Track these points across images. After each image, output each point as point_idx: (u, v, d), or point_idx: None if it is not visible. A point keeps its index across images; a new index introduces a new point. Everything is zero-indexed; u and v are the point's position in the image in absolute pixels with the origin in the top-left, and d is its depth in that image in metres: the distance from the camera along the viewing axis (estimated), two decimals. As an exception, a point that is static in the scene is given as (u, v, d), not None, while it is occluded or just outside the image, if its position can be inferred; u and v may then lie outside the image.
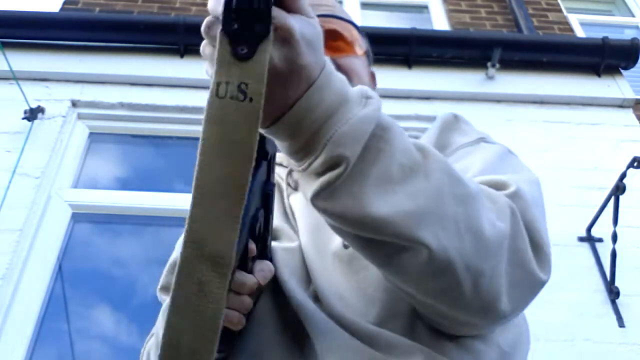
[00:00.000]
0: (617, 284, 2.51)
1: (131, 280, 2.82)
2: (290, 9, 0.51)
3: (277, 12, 0.49)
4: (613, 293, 2.50)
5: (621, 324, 2.45)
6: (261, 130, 0.55)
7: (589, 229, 2.71)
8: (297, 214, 0.84)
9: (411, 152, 0.59)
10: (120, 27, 3.33)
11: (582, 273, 2.61)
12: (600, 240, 2.68)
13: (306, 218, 0.81)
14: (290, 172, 0.89)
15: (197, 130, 3.28)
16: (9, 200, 2.64)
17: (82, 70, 3.17)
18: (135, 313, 2.68)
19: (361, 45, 0.95)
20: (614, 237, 2.49)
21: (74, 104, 3.09)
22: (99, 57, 3.24)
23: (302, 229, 0.82)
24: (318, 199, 0.56)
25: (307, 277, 0.76)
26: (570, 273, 2.59)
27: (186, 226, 0.47)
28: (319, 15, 0.80)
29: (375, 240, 0.57)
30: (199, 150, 0.48)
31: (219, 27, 0.49)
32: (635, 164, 2.42)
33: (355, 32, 0.95)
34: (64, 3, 3.80)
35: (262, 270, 0.67)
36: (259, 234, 0.68)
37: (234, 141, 0.47)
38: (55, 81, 3.14)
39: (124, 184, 3.10)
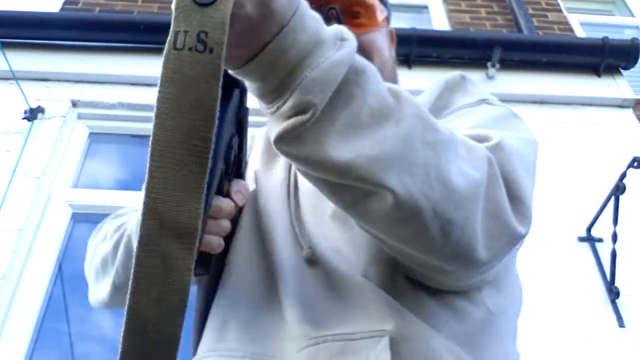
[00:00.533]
0: (617, 284, 2.51)
1: (131, 280, 2.82)
2: None
3: None
4: (613, 293, 2.50)
5: (621, 324, 2.45)
6: (231, 72, 0.54)
7: (589, 229, 2.71)
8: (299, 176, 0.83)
9: (384, 97, 0.57)
10: (120, 27, 3.33)
11: (582, 273, 2.61)
12: (600, 240, 2.68)
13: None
14: None
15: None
16: (9, 200, 2.64)
17: (82, 70, 3.17)
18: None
19: (382, 10, 0.93)
20: (614, 237, 2.49)
21: (74, 104, 3.09)
22: (99, 57, 3.24)
23: (301, 189, 0.82)
24: (281, 143, 0.54)
25: (295, 236, 0.76)
26: (570, 273, 2.59)
27: (143, 196, 0.44)
28: None
29: (342, 185, 0.56)
30: (155, 110, 0.44)
31: None
32: (635, 164, 2.42)
33: (375, 1, 0.91)
34: (64, 3, 3.80)
35: (239, 191, 0.69)
36: (235, 158, 0.69)
37: (194, 98, 0.43)
38: (55, 81, 3.14)
39: (124, 184, 3.10)
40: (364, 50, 0.84)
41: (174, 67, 0.44)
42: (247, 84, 0.56)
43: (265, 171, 0.88)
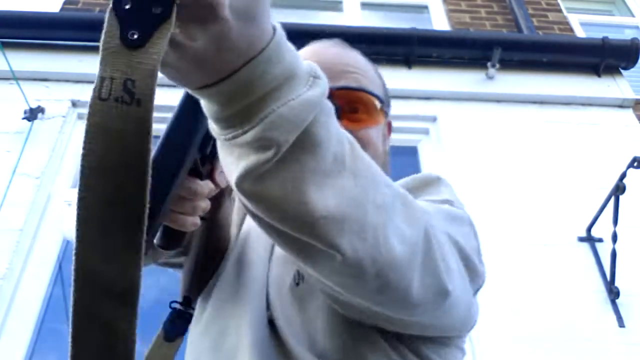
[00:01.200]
0: (617, 284, 2.51)
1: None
2: None
3: None
4: (613, 293, 2.50)
5: (621, 324, 2.45)
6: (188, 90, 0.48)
7: (589, 229, 2.71)
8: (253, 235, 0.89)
9: (344, 143, 0.55)
10: (120, 27, 3.33)
11: (582, 273, 2.61)
12: (600, 240, 2.68)
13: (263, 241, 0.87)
14: None
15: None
16: (9, 200, 2.64)
17: (82, 70, 3.17)
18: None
19: (380, 108, 0.94)
20: (614, 237, 2.49)
21: (74, 104, 3.09)
22: (99, 57, 3.24)
23: (258, 250, 0.88)
24: (244, 181, 0.50)
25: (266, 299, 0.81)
26: (570, 273, 2.59)
27: (74, 261, 0.40)
28: (340, 88, 0.88)
29: (292, 236, 0.54)
30: (80, 166, 0.40)
31: (110, 5, 0.40)
32: (635, 164, 2.42)
33: (376, 102, 0.93)
34: (64, 3, 3.80)
35: (223, 172, 0.65)
36: (211, 153, 0.69)
37: (122, 155, 0.39)
38: (55, 81, 3.14)
39: (124, 184, 3.10)
40: (361, 144, 0.87)
41: (99, 120, 0.39)
42: (202, 101, 0.51)
43: None
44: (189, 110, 0.65)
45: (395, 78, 3.27)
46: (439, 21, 4.17)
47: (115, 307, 0.40)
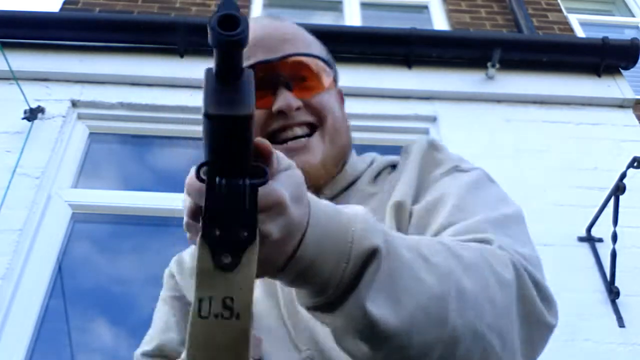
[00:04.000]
0: (617, 284, 2.51)
1: (131, 281, 2.82)
2: (273, 173, 0.50)
3: (264, 190, 0.47)
4: (613, 293, 2.50)
5: (621, 324, 2.45)
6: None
7: (589, 229, 2.71)
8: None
9: (410, 239, 0.61)
10: (120, 27, 3.33)
11: (582, 273, 2.61)
12: (600, 240, 2.68)
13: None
14: None
15: (198, 130, 3.28)
16: (9, 200, 2.64)
17: (82, 70, 3.17)
18: (135, 313, 2.68)
19: (328, 73, 0.94)
20: (614, 237, 2.49)
21: (74, 104, 3.09)
22: (99, 57, 3.24)
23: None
24: (370, 303, 0.54)
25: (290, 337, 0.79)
26: (570, 273, 2.59)
27: None
28: (282, 57, 0.87)
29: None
30: None
31: (199, 232, 0.45)
32: (635, 164, 2.42)
33: (320, 63, 0.92)
34: (64, 3, 3.80)
35: (256, 346, 0.73)
36: None
37: None
38: (55, 81, 3.14)
39: (124, 184, 3.10)
40: (317, 111, 0.89)
41: (200, 335, 0.43)
42: (286, 283, 0.57)
43: None
44: None
45: (395, 78, 3.27)
46: (439, 21, 4.17)
47: None
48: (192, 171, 0.47)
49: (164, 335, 0.93)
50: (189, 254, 1.00)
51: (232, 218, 0.44)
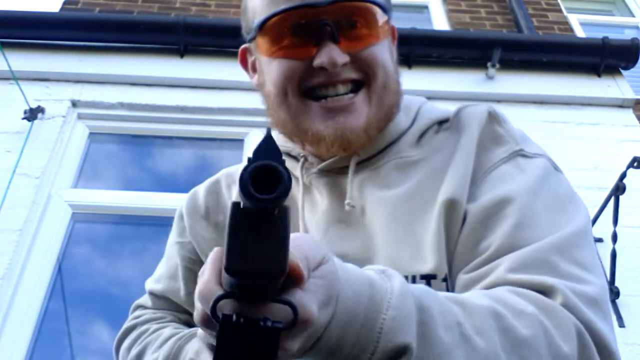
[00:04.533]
0: (617, 284, 2.51)
1: (131, 280, 2.82)
2: (300, 284, 0.46)
3: (296, 303, 0.44)
4: (613, 293, 2.50)
5: (621, 324, 2.45)
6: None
7: (589, 229, 2.71)
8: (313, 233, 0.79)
9: (452, 311, 0.55)
10: (120, 27, 3.33)
11: (582, 273, 2.61)
12: (600, 240, 2.68)
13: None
14: (304, 164, 0.83)
15: (197, 130, 3.31)
16: (9, 200, 2.64)
17: (82, 70, 3.17)
18: (135, 313, 2.68)
19: (382, 16, 0.79)
20: (614, 237, 2.49)
21: (74, 104, 3.09)
22: (99, 57, 3.24)
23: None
24: None
25: None
26: (570, 273, 2.59)
27: None
28: (330, 2, 0.73)
29: None
30: None
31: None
32: (635, 164, 2.42)
33: (374, 8, 0.77)
34: (64, 3, 3.79)
35: None
36: None
37: None
38: (55, 81, 3.14)
39: (124, 184, 3.10)
40: (366, 66, 0.77)
41: None
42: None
43: None
44: None
45: (395, 78, 3.27)
46: (439, 21, 4.17)
47: None
48: (207, 276, 0.45)
49: (171, 282, 0.93)
50: (205, 188, 0.94)
51: (247, 358, 0.41)
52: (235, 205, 0.39)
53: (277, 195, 0.36)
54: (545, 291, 0.62)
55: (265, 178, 0.36)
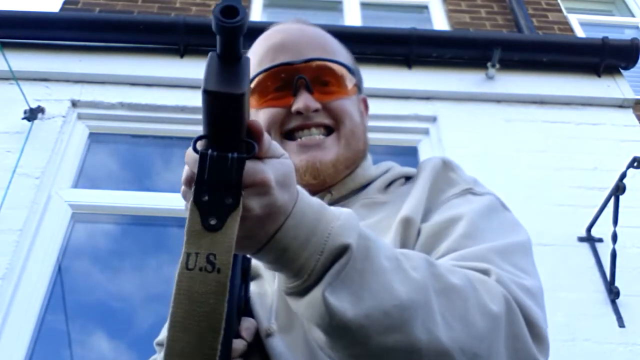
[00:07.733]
0: (617, 284, 2.51)
1: (131, 280, 2.82)
2: (262, 157, 0.54)
3: (251, 168, 0.52)
4: (613, 293, 2.50)
5: (621, 324, 2.45)
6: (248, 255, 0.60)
7: (589, 229, 2.71)
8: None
9: (392, 250, 0.63)
10: (120, 27, 3.33)
11: (582, 273, 2.61)
12: (600, 240, 2.68)
13: None
14: None
15: (197, 130, 3.28)
16: (9, 200, 2.64)
17: (82, 70, 3.17)
18: (134, 312, 2.69)
19: (350, 79, 0.95)
20: (614, 237, 2.49)
21: (74, 104, 3.09)
22: (99, 57, 3.24)
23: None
24: (332, 294, 0.57)
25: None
26: (570, 273, 2.59)
27: None
28: (306, 60, 0.90)
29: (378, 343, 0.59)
30: (168, 324, 0.49)
31: (191, 197, 0.51)
32: (635, 164, 2.42)
33: (343, 70, 0.94)
34: (64, 3, 3.80)
35: (248, 328, 0.74)
36: (244, 301, 0.76)
37: (204, 312, 0.49)
38: (55, 81, 3.14)
39: (124, 184, 3.10)
40: (335, 114, 0.91)
41: (186, 285, 0.49)
42: (265, 264, 0.61)
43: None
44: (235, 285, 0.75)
45: (395, 78, 3.27)
46: (439, 21, 4.17)
47: None
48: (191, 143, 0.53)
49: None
50: None
51: (219, 186, 0.50)
52: (212, 53, 0.50)
53: (239, 18, 0.46)
54: (481, 271, 0.69)
55: (230, 14, 0.47)
